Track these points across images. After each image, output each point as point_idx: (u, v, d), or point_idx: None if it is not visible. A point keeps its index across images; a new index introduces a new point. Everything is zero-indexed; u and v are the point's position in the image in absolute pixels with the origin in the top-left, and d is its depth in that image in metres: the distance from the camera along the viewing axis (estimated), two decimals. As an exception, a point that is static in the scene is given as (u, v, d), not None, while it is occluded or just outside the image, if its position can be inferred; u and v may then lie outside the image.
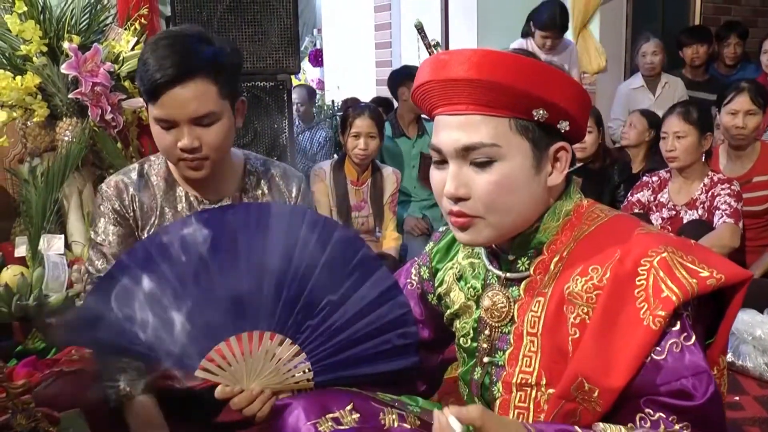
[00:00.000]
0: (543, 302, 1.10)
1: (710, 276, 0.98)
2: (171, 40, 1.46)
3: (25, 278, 2.13)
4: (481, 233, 1.09)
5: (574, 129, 1.09)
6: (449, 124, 1.08)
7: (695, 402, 0.95)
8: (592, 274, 1.04)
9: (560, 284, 1.08)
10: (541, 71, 1.04)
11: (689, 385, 0.95)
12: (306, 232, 1.28)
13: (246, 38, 2.89)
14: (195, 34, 1.49)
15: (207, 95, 1.47)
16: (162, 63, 1.44)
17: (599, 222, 1.11)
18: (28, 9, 2.37)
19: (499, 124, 1.05)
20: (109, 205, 1.62)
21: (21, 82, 2.34)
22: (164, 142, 1.52)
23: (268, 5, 2.88)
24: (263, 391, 1.20)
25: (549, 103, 1.04)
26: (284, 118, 3.01)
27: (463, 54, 1.05)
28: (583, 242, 1.09)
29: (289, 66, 2.98)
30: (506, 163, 1.05)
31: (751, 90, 2.96)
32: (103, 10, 2.63)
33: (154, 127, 1.52)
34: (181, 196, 1.65)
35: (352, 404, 1.06)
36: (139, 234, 1.64)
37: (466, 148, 1.05)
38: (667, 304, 0.95)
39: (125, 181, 1.64)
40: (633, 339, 0.97)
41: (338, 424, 1.04)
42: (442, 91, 1.07)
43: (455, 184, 1.07)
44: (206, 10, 2.81)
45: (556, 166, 1.10)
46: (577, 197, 1.16)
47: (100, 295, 1.21)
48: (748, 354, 2.30)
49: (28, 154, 2.47)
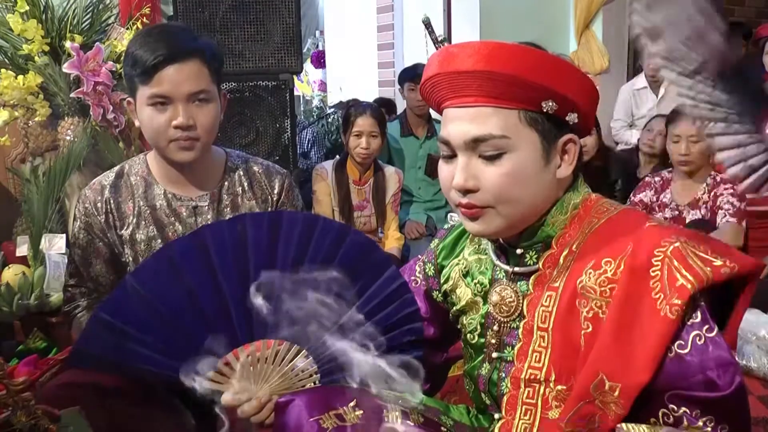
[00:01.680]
0: (555, 296, 1.09)
1: (724, 264, 0.97)
2: (161, 29, 1.56)
3: (26, 277, 2.13)
4: (492, 222, 1.08)
5: (582, 121, 1.09)
6: (458, 117, 1.08)
7: (721, 393, 0.93)
8: (605, 267, 1.03)
9: (573, 278, 1.07)
10: (551, 63, 1.04)
11: (714, 376, 0.93)
12: (319, 238, 1.26)
13: (248, 38, 2.89)
14: (182, 26, 1.55)
15: (201, 74, 1.55)
16: (157, 45, 1.51)
17: (609, 215, 1.11)
18: (30, 8, 2.37)
19: (509, 116, 1.05)
20: (82, 208, 1.67)
21: (23, 81, 2.34)
22: (156, 123, 1.55)
23: (270, 4, 2.88)
24: (271, 398, 1.18)
25: (559, 94, 1.04)
26: (286, 118, 3.01)
27: (473, 46, 1.05)
28: (594, 235, 1.09)
29: (292, 65, 2.98)
30: (515, 155, 1.05)
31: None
32: (105, 10, 2.64)
33: (146, 110, 1.55)
34: (159, 194, 1.67)
35: (356, 401, 1.05)
36: (119, 233, 1.66)
37: (475, 140, 1.05)
38: (683, 292, 0.94)
39: (103, 183, 1.68)
40: (652, 331, 0.96)
41: (341, 420, 1.03)
42: (451, 83, 1.07)
43: (464, 176, 1.07)
44: (208, 9, 2.81)
45: (565, 159, 1.10)
46: (585, 191, 1.16)
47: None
48: (752, 354, 2.29)
49: (30, 153, 2.48)
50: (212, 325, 1.19)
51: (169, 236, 1.69)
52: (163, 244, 1.69)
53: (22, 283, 2.10)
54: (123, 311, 1.19)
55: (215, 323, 1.20)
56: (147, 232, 1.67)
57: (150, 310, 1.19)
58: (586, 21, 4.70)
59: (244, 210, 1.73)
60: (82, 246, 1.67)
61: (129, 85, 1.61)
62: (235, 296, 1.20)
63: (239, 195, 1.73)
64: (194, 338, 1.18)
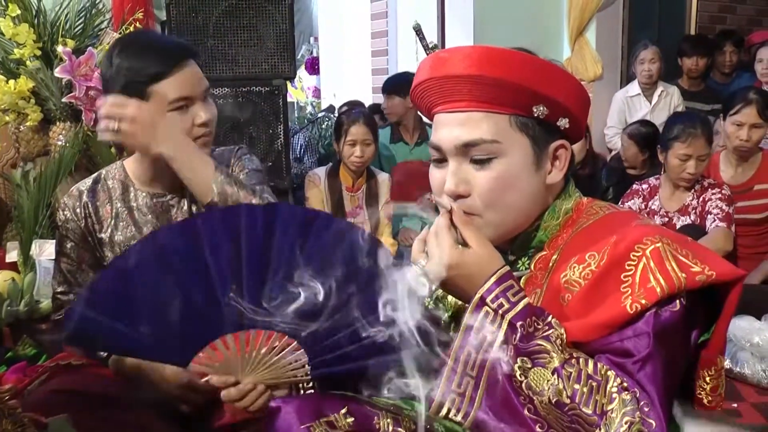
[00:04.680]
0: (539, 293, 1.09)
1: (701, 272, 0.96)
2: (152, 33, 1.55)
3: (16, 283, 2.11)
4: (482, 231, 1.07)
5: (573, 127, 1.09)
6: (449, 122, 1.07)
7: (634, 358, 0.94)
8: (589, 260, 1.02)
9: (556, 273, 1.06)
10: (542, 68, 1.04)
11: (630, 345, 0.94)
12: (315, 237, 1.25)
13: (241, 43, 2.89)
14: (156, 31, 1.56)
15: (201, 73, 1.60)
16: (163, 47, 1.53)
17: (598, 216, 1.11)
18: (21, 12, 2.36)
19: (500, 121, 1.05)
20: (62, 216, 1.67)
21: (14, 86, 2.33)
22: (182, 126, 1.55)
23: (263, 10, 2.88)
24: (256, 386, 1.19)
25: (549, 99, 1.04)
26: (279, 124, 3.00)
27: (464, 51, 1.05)
28: (581, 233, 1.09)
29: (285, 71, 2.97)
30: (506, 160, 1.05)
31: (759, 102, 2.93)
32: (98, 15, 2.62)
33: (167, 116, 1.52)
34: (136, 195, 1.68)
35: (347, 408, 1.04)
36: (98, 236, 1.67)
37: (466, 145, 1.05)
38: (651, 295, 0.94)
39: (80, 188, 1.69)
40: (604, 313, 0.97)
41: (332, 428, 1.01)
42: (442, 88, 1.06)
43: (455, 181, 1.06)
44: (202, 15, 2.81)
45: (556, 165, 1.10)
46: (577, 195, 1.16)
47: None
48: (746, 361, 2.29)
49: (21, 158, 2.46)
50: (202, 315, 1.18)
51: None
52: None
53: (12, 289, 2.08)
54: (109, 296, 1.15)
55: (205, 314, 1.18)
56: (126, 233, 1.67)
57: (137, 294, 1.16)
58: (580, 28, 4.71)
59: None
60: (67, 253, 1.67)
61: (128, 95, 1.51)
62: (226, 287, 1.18)
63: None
64: (183, 326, 1.16)
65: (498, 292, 0.99)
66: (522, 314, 0.98)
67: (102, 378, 1.50)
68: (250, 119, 2.96)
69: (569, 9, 4.70)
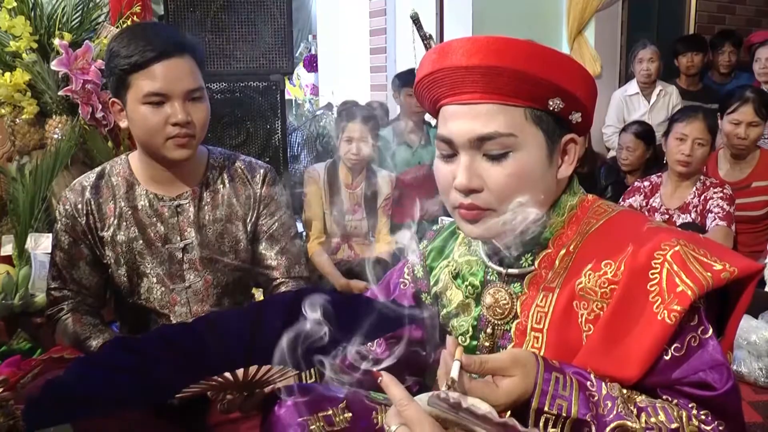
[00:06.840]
0: (551, 297, 1.07)
1: (724, 269, 0.96)
2: (150, 24, 1.53)
3: (10, 277, 2.09)
4: (493, 226, 1.06)
5: (584, 121, 1.07)
6: (461, 114, 1.04)
7: (715, 392, 0.93)
8: (605, 269, 1.02)
9: (570, 279, 1.05)
10: (559, 60, 1.02)
11: (708, 377, 0.94)
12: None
13: (239, 38, 2.88)
14: (165, 24, 1.53)
15: (194, 72, 1.55)
16: (152, 39, 1.49)
17: (607, 216, 1.10)
18: (18, 5, 2.35)
19: (515, 114, 1.02)
20: (63, 210, 1.65)
21: (10, 78, 2.31)
22: (153, 122, 1.52)
23: (261, 5, 2.87)
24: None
25: (567, 93, 1.01)
26: (277, 119, 3.00)
27: (478, 41, 1.01)
28: (592, 236, 1.07)
29: (283, 66, 2.96)
30: (521, 154, 1.03)
31: (755, 101, 2.95)
32: (96, 8, 2.61)
33: (140, 109, 1.52)
34: (141, 194, 1.66)
35: (345, 402, 1.04)
36: (99, 235, 1.63)
37: (481, 138, 1.02)
38: (684, 299, 0.94)
39: (83, 184, 1.66)
40: (648, 333, 0.95)
41: (330, 423, 1.01)
42: (453, 79, 1.03)
43: (468, 176, 1.03)
44: (199, 9, 2.80)
45: (566, 159, 1.08)
46: (581, 192, 1.15)
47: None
48: (743, 359, 2.29)
49: (17, 151, 2.44)
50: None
51: (151, 237, 1.67)
52: (144, 245, 1.66)
53: (7, 282, 2.06)
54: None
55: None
56: (128, 233, 1.65)
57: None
58: (579, 27, 4.71)
59: (224, 207, 1.71)
60: (64, 248, 1.64)
61: (116, 84, 1.56)
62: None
63: (219, 192, 1.71)
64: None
65: (549, 398, 0.91)
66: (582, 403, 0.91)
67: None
68: (247, 114, 2.95)
69: (569, 8, 4.70)
